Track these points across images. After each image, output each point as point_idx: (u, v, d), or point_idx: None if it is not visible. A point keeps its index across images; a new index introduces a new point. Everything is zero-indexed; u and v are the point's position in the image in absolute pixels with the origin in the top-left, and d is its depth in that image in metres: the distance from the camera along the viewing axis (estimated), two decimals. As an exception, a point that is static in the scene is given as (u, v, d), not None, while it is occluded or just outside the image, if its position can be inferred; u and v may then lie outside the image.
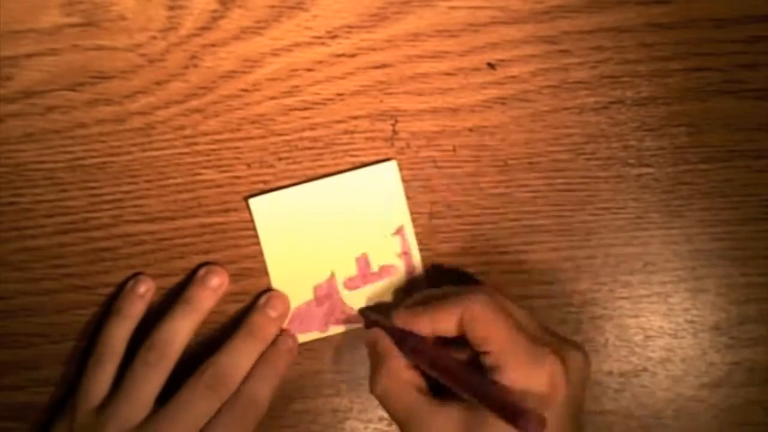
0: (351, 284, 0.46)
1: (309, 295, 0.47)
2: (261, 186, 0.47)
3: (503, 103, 0.47)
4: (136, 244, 0.47)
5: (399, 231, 0.46)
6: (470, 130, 0.47)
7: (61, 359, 0.47)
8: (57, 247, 0.47)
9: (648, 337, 0.48)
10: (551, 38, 0.46)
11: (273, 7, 0.46)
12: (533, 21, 0.46)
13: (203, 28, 0.46)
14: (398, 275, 0.47)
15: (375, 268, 0.46)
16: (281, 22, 0.46)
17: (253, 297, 0.47)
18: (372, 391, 0.42)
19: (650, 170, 0.47)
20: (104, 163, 0.46)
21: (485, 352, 0.40)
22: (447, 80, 0.46)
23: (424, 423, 0.40)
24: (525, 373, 0.39)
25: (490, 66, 0.47)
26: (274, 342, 0.46)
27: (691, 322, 0.48)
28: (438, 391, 0.41)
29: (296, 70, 0.46)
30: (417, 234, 0.47)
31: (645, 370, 0.48)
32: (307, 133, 0.47)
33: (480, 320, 0.40)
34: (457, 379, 0.40)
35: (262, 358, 0.45)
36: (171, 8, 0.46)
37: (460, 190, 0.47)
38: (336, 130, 0.47)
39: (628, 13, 0.46)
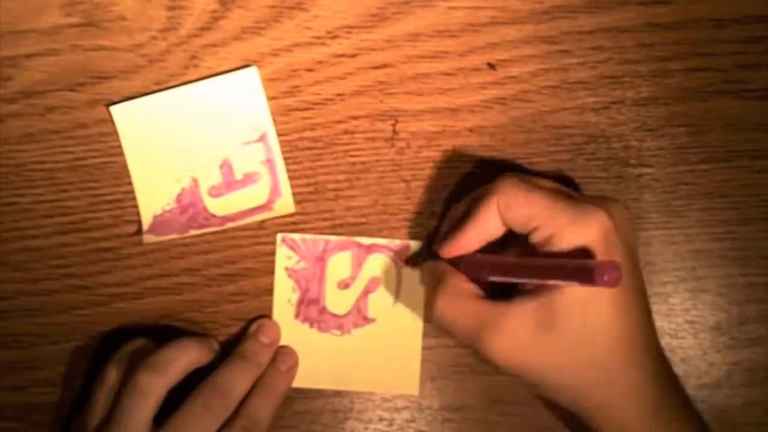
0: (215, 192, 0.46)
1: (172, 202, 0.46)
2: (261, 186, 0.47)
3: (503, 104, 0.47)
4: (137, 244, 0.47)
5: (262, 138, 0.46)
6: (470, 130, 0.47)
7: (61, 359, 0.47)
8: (57, 248, 0.47)
9: (648, 337, 0.48)
10: (551, 38, 0.46)
11: (273, 7, 0.46)
12: (533, 21, 0.46)
13: (203, 29, 0.46)
14: (262, 182, 0.46)
15: (239, 175, 0.46)
16: (281, 23, 0.46)
17: (245, 322, 0.47)
18: (432, 314, 0.41)
19: (650, 170, 0.47)
20: (104, 163, 0.46)
21: (532, 231, 0.39)
22: (447, 80, 0.47)
23: (498, 325, 0.39)
24: (575, 233, 0.38)
25: (490, 66, 0.47)
26: (273, 362, 0.46)
27: (692, 322, 0.48)
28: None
29: (296, 70, 0.46)
30: (416, 234, 0.47)
31: (645, 370, 0.48)
32: (307, 133, 0.47)
33: (514, 202, 0.39)
34: (523, 269, 0.39)
35: (262, 378, 0.45)
36: (171, 8, 0.46)
37: (461, 191, 0.47)
38: (336, 130, 0.47)
39: (628, 13, 0.46)
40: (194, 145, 0.46)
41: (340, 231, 0.47)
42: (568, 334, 0.38)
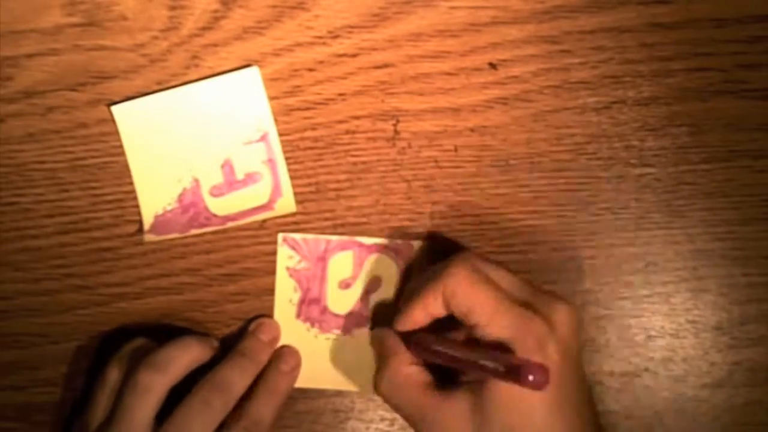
0: (216, 191, 0.46)
1: (174, 202, 0.46)
2: (262, 186, 0.47)
3: (504, 103, 0.47)
4: (137, 244, 0.47)
5: (263, 137, 0.45)
6: (471, 130, 0.47)
7: (62, 359, 0.47)
8: (58, 247, 0.46)
9: (649, 337, 0.48)
10: (552, 38, 0.46)
11: (274, 7, 0.46)
12: (534, 21, 0.46)
13: (204, 28, 0.46)
14: (263, 182, 0.46)
15: (240, 175, 0.46)
16: (282, 22, 0.46)
17: (245, 322, 0.47)
18: (376, 389, 0.42)
19: (652, 170, 0.47)
20: (105, 163, 0.46)
21: (473, 326, 0.40)
22: (448, 80, 0.46)
23: (433, 416, 0.40)
24: (512, 339, 0.39)
25: (492, 66, 0.47)
26: (275, 362, 0.46)
27: (693, 322, 0.48)
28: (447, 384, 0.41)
29: (297, 70, 0.46)
30: (417, 234, 0.47)
31: (646, 370, 0.48)
32: (308, 133, 0.47)
33: (459, 295, 0.40)
34: (458, 361, 0.40)
35: (264, 378, 0.45)
36: (172, 8, 0.46)
37: (462, 191, 0.47)
38: (337, 130, 0.47)
39: (629, 13, 0.46)
40: (195, 145, 0.46)
41: (341, 231, 0.47)
42: (496, 426, 0.39)
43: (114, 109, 0.45)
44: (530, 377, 0.36)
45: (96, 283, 0.47)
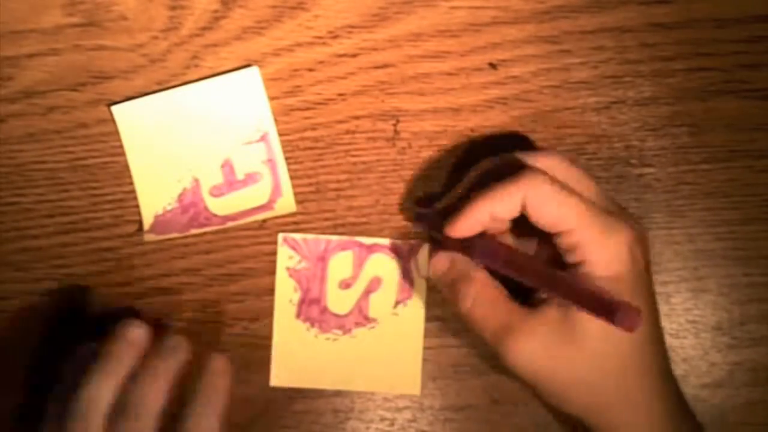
0: (216, 191, 0.46)
1: (174, 202, 0.46)
2: (262, 186, 0.47)
3: (505, 103, 0.47)
4: (138, 244, 0.47)
5: (263, 137, 0.46)
6: (472, 130, 0.47)
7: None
8: (58, 247, 0.47)
9: (650, 337, 0.48)
10: (552, 38, 0.46)
11: (274, 7, 0.46)
12: (534, 21, 0.46)
13: (204, 28, 0.46)
14: (263, 182, 0.46)
15: (240, 175, 0.46)
16: (283, 22, 0.46)
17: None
18: (461, 311, 0.41)
19: (652, 170, 0.47)
20: (105, 163, 0.46)
21: (559, 234, 0.39)
22: (448, 80, 0.46)
23: (522, 332, 0.39)
24: (603, 247, 0.38)
25: (492, 66, 0.47)
26: (205, 367, 0.40)
27: (693, 322, 0.48)
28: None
29: (297, 70, 0.46)
30: (417, 234, 0.47)
31: (647, 370, 0.48)
32: (308, 133, 0.47)
33: (546, 202, 0.38)
34: (541, 278, 0.39)
35: (198, 387, 0.39)
36: (172, 8, 0.46)
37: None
38: (337, 130, 0.47)
39: (630, 13, 0.46)
40: (195, 145, 0.46)
41: (341, 231, 0.47)
42: (587, 351, 0.38)
43: (114, 108, 0.45)
44: (625, 321, 0.34)
45: (96, 283, 0.47)
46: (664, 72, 0.47)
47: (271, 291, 0.47)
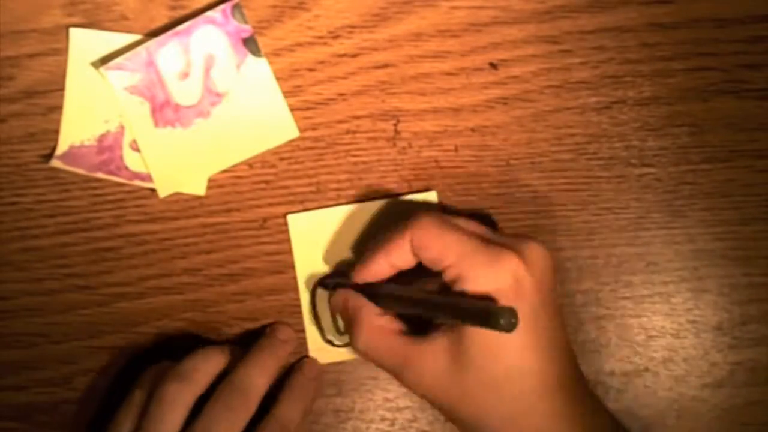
0: (135, 146, 0.46)
1: (93, 140, 0.46)
2: (263, 186, 0.47)
3: (505, 103, 0.47)
4: (138, 243, 0.47)
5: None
6: (472, 130, 0.47)
7: (62, 359, 0.47)
8: (59, 247, 0.47)
9: (650, 337, 0.48)
10: (553, 38, 0.46)
11: (275, 7, 0.46)
12: (535, 21, 0.46)
13: (205, 28, 0.46)
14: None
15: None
16: (283, 22, 0.46)
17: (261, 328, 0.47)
18: (354, 348, 0.42)
19: (652, 170, 0.47)
20: (106, 163, 0.46)
21: (444, 269, 0.40)
22: (449, 80, 0.46)
23: (413, 361, 0.40)
24: (486, 275, 0.39)
25: (492, 66, 0.47)
26: (300, 369, 0.46)
27: (694, 322, 0.48)
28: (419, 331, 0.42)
29: (298, 70, 0.46)
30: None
31: (647, 370, 0.48)
32: (308, 133, 0.47)
33: (428, 240, 0.40)
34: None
35: (290, 384, 0.46)
36: (173, 8, 0.46)
37: (462, 191, 0.47)
38: (338, 129, 0.47)
39: (630, 13, 0.46)
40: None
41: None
42: (478, 374, 0.39)
43: (72, 30, 0.45)
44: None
45: (97, 282, 0.47)
46: (665, 72, 0.47)
47: (272, 291, 0.47)
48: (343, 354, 0.47)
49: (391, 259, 0.42)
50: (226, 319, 0.47)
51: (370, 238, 0.46)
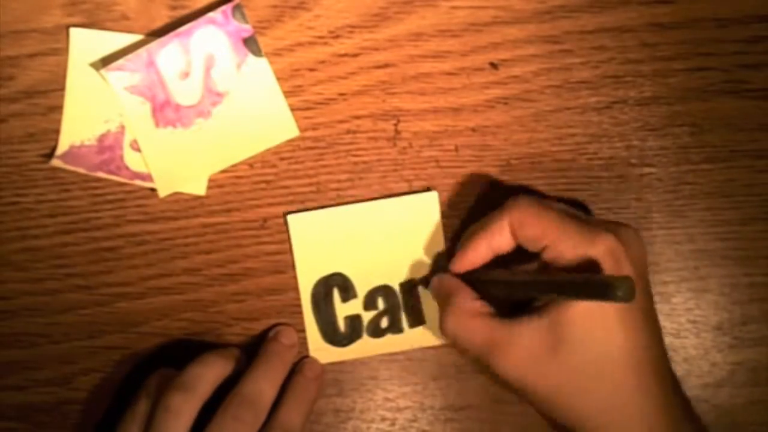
0: (136, 146, 0.45)
1: (94, 140, 0.45)
2: (263, 186, 0.47)
3: (505, 103, 0.47)
4: (139, 243, 0.47)
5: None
6: (472, 129, 0.47)
7: (63, 359, 0.47)
8: (59, 247, 0.47)
9: (650, 337, 0.48)
10: (553, 38, 0.46)
11: (275, 7, 0.46)
12: (535, 21, 0.46)
13: (205, 28, 0.46)
14: None
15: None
16: (283, 22, 0.46)
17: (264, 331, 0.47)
18: (443, 331, 0.42)
19: (653, 170, 0.47)
20: (106, 162, 0.46)
21: (542, 249, 0.40)
22: (449, 80, 0.46)
23: (506, 345, 0.39)
24: (585, 253, 0.38)
25: (493, 66, 0.47)
26: (300, 370, 0.46)
27: (694, 322, 0.48)
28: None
29: (298, 69, 0.46)
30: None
31: (648, 370, 0.48)
32: (309, 133, 0.47)
33: (527, 220, 0.40)
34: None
35: (292, 386, 0.46)
36: (173, 8, 0.46)
37: (463, 190, 0.47)
38: (338, 129, 0.47)
39: (631, 13, 0.46)
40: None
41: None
42: (575, 357, 0.38)
43: (72, 30, 0.45)
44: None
45: (97, 282, 0.47)
46: (665, 72, 0.47)
47: (272, 291, 0.47)
48: (344, 354, 0.47)
49: (491, 242, 0.41)
50: (226, 319, 0.47)
51: (372, 239, 0.46)
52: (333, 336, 0.47)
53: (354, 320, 0.47)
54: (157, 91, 0.45)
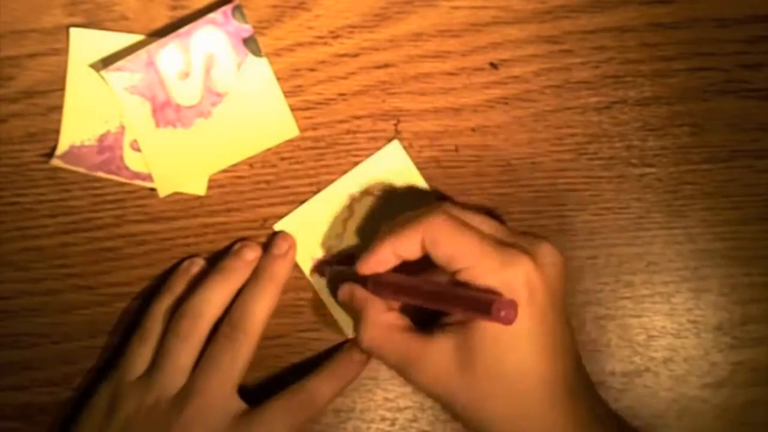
0: (137, 146, 0.46)
1: (94, 140, 0.46)
2: (263, 186, 0.47)
3: (506, 103, 0.47)
4: (139, 244, 0.47)
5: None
6: (473, 130, 0.47)
7: (63, 359, 0.47)
8: (59, 247, 0.46)
9: (651, 337, 0.48)
10: (554, 38, 0.46)
11: (275, 6, 0.46)
12: (536, 21, 0.46)
13: (206, 28, 0.46)
14: None
15: None
16: (284, 22, 0.46)
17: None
18: (359, 344, 0.42)
19: (653, 170, 0.47)
20: (106, 162, 0.46)
21: (456, 271, 0.39)
22: (449, 80, 0.46)
23: (419, 359, 0.40)
24: (498, 278, 0.38)
25: (493, 66, 0.47)
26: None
27: (694, 322, 0.48)
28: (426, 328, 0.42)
29: (298, 69, 0.46)
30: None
31: (648, 370, 0.48)
32: (309, 133, 0.47)
33: (441, 239, 0.40)
34: (426, 295, 0.40)
35: (336, 360, 0.45)
36: (173, 8, 0.46)
37: (463, 190, 0.47)
38: (338, 129, 0.47)
39: (631, 12, 0.46)
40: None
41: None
42: (486, 374, 0.39)
43: (72, 29, 0.45)
44: (501, 312, 0.36)
45: (97, 283, 0.47)
46: (665, 72, 0.47)
47: (272, 291, 0.47)
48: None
49: (399, 250, 0.41)
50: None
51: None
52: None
53: None
54: (157, 91, 0.45)
